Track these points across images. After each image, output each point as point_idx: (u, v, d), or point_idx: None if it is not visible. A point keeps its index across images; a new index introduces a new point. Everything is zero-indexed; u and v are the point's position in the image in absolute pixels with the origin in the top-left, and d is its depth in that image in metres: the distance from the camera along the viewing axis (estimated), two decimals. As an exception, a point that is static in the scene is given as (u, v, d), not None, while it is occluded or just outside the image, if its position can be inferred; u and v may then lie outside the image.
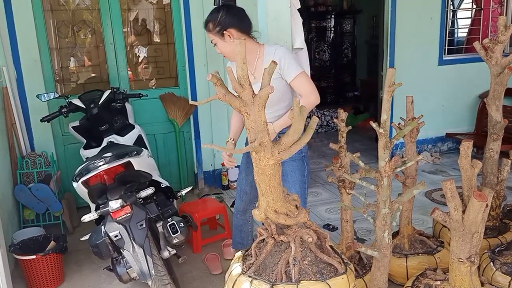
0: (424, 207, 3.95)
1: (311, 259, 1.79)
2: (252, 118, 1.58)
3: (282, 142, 1.65)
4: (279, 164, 1.70)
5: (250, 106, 1.56)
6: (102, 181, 2.50)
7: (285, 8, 2.77)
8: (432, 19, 4.96)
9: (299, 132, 1.63)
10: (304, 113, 1.61)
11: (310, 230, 1.82)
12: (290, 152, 1.66)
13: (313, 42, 8.39)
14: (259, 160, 1.65)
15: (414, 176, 2.78)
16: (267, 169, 1.67)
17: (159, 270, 2.47)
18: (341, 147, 2.64)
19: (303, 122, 1.60)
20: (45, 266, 2.92)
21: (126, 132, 3.45)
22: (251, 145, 1.60)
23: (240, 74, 1.54)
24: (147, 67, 4.47)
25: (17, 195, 3.54)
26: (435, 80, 5.15)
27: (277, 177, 1.72)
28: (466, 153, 2.08)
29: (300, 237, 1.80)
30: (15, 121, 3.78)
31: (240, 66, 1.53)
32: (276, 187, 1.73)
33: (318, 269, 1.77)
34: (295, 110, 1.59)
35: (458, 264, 2.14)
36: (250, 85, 1.56)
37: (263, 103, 1.56)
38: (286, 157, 1.67)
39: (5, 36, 3.71)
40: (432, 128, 5.27)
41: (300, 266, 1.75)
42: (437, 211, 2.10)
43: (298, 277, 1.72)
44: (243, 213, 2.74)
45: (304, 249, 1.81)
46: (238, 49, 1.51)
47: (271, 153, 1.63)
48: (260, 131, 1.59)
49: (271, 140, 1.62)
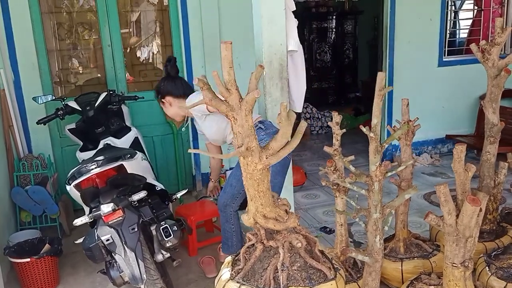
0: (422, 209, 3.91)
1: (300, 264, 1.78)
2: (239, 123, 1.57)
3: (270, 147, 1.64)
4: (267, 169, 1.69)
5: (237, 111, 1.56)
6: (94, 184, 2.49)
7: (279, 11, 2.75)
8: (432, 20, 4.93)
9: (287, 137, 1.62)
10: (292, 118, 1.59)
11: (299, 235, 1.81)
12: (278, 157, 1.65)
13: (314, 43, 8.37)
14: (247, 165, 1.64)
15: (409, 179, 2.76)
16: (255, 174, 1.66)
17: (152, 274, 2.46)
18: (335, 150, 2.62)
19: (290, 127, 1.59)
20: (40, 269, 2.92)
21: (123, 134, 3.44)
22: (238, 150, 1.59)
23: (227, 79, 1.53)
24: (145, 69, 4.46)
25: (13, 197, 3.54)
26: (435, 81, 5.12)
27: (266, 182, 1.71)
28: (459, 157, 2.06)
29: (289, 242, 1.79)
30: (12, 124, 3.79)
31: (226, 71, 1.52)
32: (265, 192, 1.72)
33: (308, 274, 1.76)
34: (283, 115, 1.57)
35: (452, 269, 2.12)
36: (237, 90, 1.55)
37: (250, 108, 1.55)
38: (274, 162, 1.66)
39: (2, 38, 3.72)
40: (432, 130, 5.24)
41: (288, 271, 1.73)
42: (430, 215, 2.08)
43: (287, 283, 1.71)
44: (223, 207, 2.69)
45: (293, 254, 1.79)
46: (224, 53, 1.50)
47: (259, 157, 1.62)
48: (247, 136, 1.58)
49: (258, 145, 1.61)
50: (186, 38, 4.19)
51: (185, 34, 4.18)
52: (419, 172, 4.89)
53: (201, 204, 3.77)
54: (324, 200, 4.30)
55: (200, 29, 4.16)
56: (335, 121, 2.63)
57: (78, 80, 4.30)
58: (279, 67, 2.81)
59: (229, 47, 1.49)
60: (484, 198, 2.09)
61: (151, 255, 2.66)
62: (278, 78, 2.82)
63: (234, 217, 2.68)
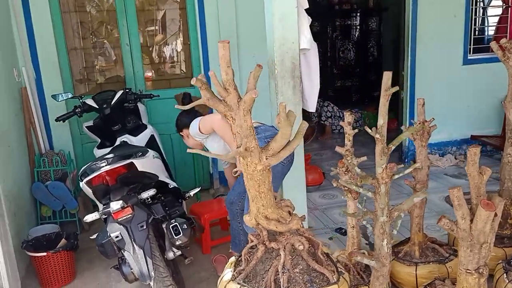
0: (443, 212, 3.78)
1: (302, 267, 1.75)
2: (238, 123, 1.55)
3: (270, 148, 1.62)
4: (268, 170, 1.67)
5: (235, 111, 1.54)
6: (105, 182, 2.52)
7: (291, 8, 2.71)
8: (456, 16, 4.78)
9: (287, 138, 1.59)
10: (292, 118, 1.57)
11: (302, 238, 1.78)
12: (279, 158, 1.62)
13: (338, 41, 8.25)
14: (247, 165, 1.63)
15: (424, 181, 2.68)
16: (255, 174, 1.64)
17: (161, 271, 2.47)
18: (347, 151, 2.57)
19: (290, 127, 1.56)
20: (56, 263, 2.98)
21: (139, 132, 3.48)
22: (237, 151, 1.58)
23: (225, 78, 1.52)
24: (162, 67, 4.50)
25: (34, 192, 3.63)
26: (459, 80, 4.97)
27: (267, 183, 1.69)
28: (473, 160, 2.00)
29: (292, 244, 1.76)
30: (34, 121, 3.88)
31: (224, 70, 1.51)
32: (266, 193, 1.70)
33: (310, 277, 1.73)
34: (282, 115, 1.55)
35: (466, 276, 2.05)
36: (235, 89, 1.53)
37: (248, 108, 1.53)
38: (274, 163, 1.63)
39: (24, 37, 3.81)
40: (457, 130, 5.09)
41: (290, 274, 1.71)
42: (443, 219, 2.02)
43: (287, 285, 1.68)
44: (230, 204, 2.76)
45: (295, 257, 1.77)
46: (221, 53, 1.49)
47: (259, 158, 1.60)
48: (246, 136, 1.56)
49: (258, 146, 1.59)
50: (203, 36, 4.19)
51: (202, 32, 4.19)
52: (442, 174, 4.76)
53: (217, 202, 3.78)
54: (342, 200, 4.23)
55: (217, 27, 4.16)
56: (347, 121, 2.57)
57: (99, 78, 4.37)
58: (291, 66, 2.77)
59: (226, 46, 1.47)
60: (500, 203, 2.01)
61: (162, 252, 2.68)
62: (290, 77, 2.79)
63: (240, 215, 2.67)
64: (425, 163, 2.68)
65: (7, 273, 2.22)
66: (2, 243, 2.20)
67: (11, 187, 3.10)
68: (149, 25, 4.35)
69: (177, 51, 4.45)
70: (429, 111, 3.40)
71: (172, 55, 4.48)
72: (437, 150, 5.16)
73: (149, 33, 4.39)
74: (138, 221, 2.39)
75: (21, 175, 3.48)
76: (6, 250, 2.26)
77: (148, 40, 4.39)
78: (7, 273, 2.23)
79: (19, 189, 3.37)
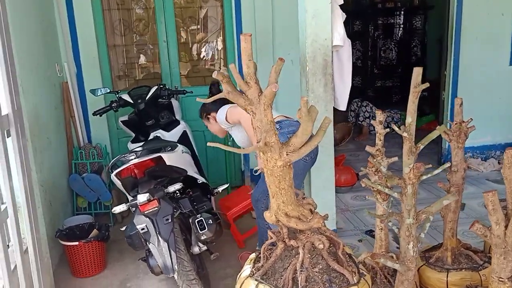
0: (481, 218, 3.63)
1: (322, 266, 1.71)
2: (258, 117, 1.53)
3: (291, 143, 1.59)
4: (289, 166, 1.64)
5: (256, 105, 1.52)
6: (133, 174, 2.57)
7: (325, 4, 2.67)
8: (504, 15, 4.55)
9: (308, 133, 1.56)
10: (313, 113, 1.53)
11: (322, 237, 1.73)
12: (300, 154, 1.59)
13: (379, 40, 8.06)
14: (267, 161, 1.60)
15: (459, 185, 2.56)
16: (275, 170, 1.62)
17: (185, 265, 2.49)
18: (377, 150, 2.49)
19: (311, 123, 1.52)
20: (87, 252, 3.07)
21: (172, 127, 3.53)
22: (257, 145, 1.56)
23: (246, 72, 1.50)
24: (198, 64, 4.54)
25: (71, 183, 3.76)
26: (506, 81, 4.73)
27: (288, 179, 1.66)
28: (509, 162, 1.89)
29: (312, 243, 1.73)
30: (74, 114, 4.01)
31: (246, 63, 1.49)
32: (287, 190, 1.67)
33: (329, 277, 1.68)
34: (303, 110, 1.51)
35: (498, 284, 1.95)
36: (256, 83, 1.51)
37: (269, 102, 1.51)
38: (295, 159, 1.60)
39: (66, 34, 3.95)
40: (501, 134, 4.86)
41: (308, 273, 1.67)
42: (476, 224, 1.93)
43: (305, 284, 1.65)
44: (255, 202, 2.76)
45: (315, 256, 1.73)
46: (243, 46, 1.47)
47: (279, 154, 1.58)
48: (266, 131, 1.53)
49: (278, 141, 1.56)
50: (239, 33, 4.20)
51: (238, 30, 4.19)
52: (483, 179, 4.55)
53: (243, 192, 3.67)
54: (374, 202, 4.11)
55: (253, 24, 4.16)
56: (378, 119, 2.49)
57: (135, 74, 4.46)
58: (323, 63, 2.73)
59: (248, 39, 1.46)
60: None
61: (188, 247, 2.70)
62: (322, 74, 2.74)
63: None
64: (461, 165, 2.55)
65: (35, 260, 2.30)
66: (33, 231, 2.28)
67: (47, 177, 3.22)
68: (187, 22, 4.41)
69: (214, 48, 4.48)
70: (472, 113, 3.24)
71: (208, 52, 4.51)
72: (479, 154, 4.94)
73: (187, 31, 4.44)
74: (164, 214, 2.42)
75: (58, 166, 3.61)
76: (37, 238, 2.34)
77: (185, 37, 4.45)
78: (36, 260, 2.30)
79: (57, 179, 3.49)
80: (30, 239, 2.27)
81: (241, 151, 1.63)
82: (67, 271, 3.17)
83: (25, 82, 2.91)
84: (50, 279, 2.84)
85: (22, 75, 2.72)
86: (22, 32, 3.01)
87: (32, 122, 3.01)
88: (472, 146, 4.87)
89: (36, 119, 3.12)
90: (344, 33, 2.83)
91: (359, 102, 6.60)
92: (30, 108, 3.00)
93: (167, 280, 2.99)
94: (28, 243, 2.34)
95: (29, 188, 2.36)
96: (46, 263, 2.72)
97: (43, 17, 3.61)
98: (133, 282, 3.05)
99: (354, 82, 8.42)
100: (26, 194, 2.33)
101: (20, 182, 2.29)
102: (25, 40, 3.07)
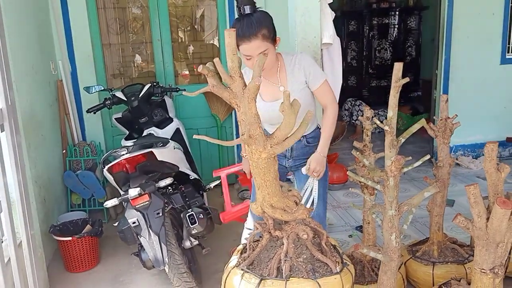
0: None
1: (306, 256, 1.76)
2: (243, 110, 1.57)
3: (275, 136, 1.63)
4: (273, 158, 1.68)
5: (240, 98, 1.56)
6: (125, 169, 2.61)
7: (314, 3, 2.71)
8: (495, 14, 4.61)
9: (291, 126, 1.60)
10: (296, 107, 1.57)
11: (307, 227, 1.78)
12: (283, 147, 1.63)
13: (374, 40, 8.12)
14: (252, 153, 1.65)
15: (445, 180, 2.61)
16: (260, 162, 1.66)
17: (176, 259, 2.53)
18: (365, 146, 2.54)
19: (294, 116, 1.56)
20: (81, 248, 3.11)
21: (165, 125, 3.57)
22: (241, 138, 1.60)
23: (230, 66, 1.54)
24: (192, 63, 4.59)
25: (65, 180, 3.80)
26: (496, 80, 4.80)
27: (272, 171, 1.70)
28: (490, 156, 1.94)
29: (296, 233, 1.77)
30: (68, 112, 4.05)
31: (230, 58, 1.53)
32: (271, 181, 1.71)
33: (313, 267, 1.73)
34: (286, 103, 1.56)
35: (480, 275, 1.99)
36: (240, 77, 1.55)
37: (252, 95, 1.55)
38: (279, 151, 1.64)
39: (61, 32, 3.99)
40: (492, 132, 4.92)
41: (292, 262, 1.72)
42: (459, 217, 1.97)
43: (289, 273, 1.69)
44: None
45: (299, 246, 1.77)
46: (227, 41, 1.51)
47: (263, 146, 1.62)
48: (250, 124, 1.58)
49: (262, 133, 1.61)
50: (233, 32, 4.24)
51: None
52: (474, 176, 4.61)
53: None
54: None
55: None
56: (365, 116, 2.55)
57: (129, 73, 4.51)
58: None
59: (232, 34, 1.49)
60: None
61: (179, 241, 2.74)
62: (311, 71, 2.78)
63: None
64: (447, 161, 2.61)
65: (29, 255, 2.34)
66: (27, 226, 2.32)
67: (41, 174, 3.26)
68: (181, 21, 4.45)
69: (207, 46, 4.53)
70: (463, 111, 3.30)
71: (201, 51, 4.55)
72: (470, 152, 5.00)
73: (182, 30, 4.49)
74: (155, 209, 2.46)
75: (53, 163, 3.65)
76: (31, 233, 2.38)
77: (180, 36, 4.49)
78: (30, 254, 2.34)
79: (51, 176, 3.53)
80: (24, 234, 2.31)
81: (227, 143, 1.67)
82: (60, 266, 3.21)
83: (20, 80, 2.95)
84: (44, 274, 2.88)
85: (16, 72, 2.77)
86: (16, 30, 3.05)
87: (27, 119, 3.05)
88: (463, 144, 4.93)
89: (30, 116, 3.16)
90: (333, 31, 2.88)
91: (353, 101, 6.66)
92: (24, 105, 3.04)
93: (159, 274, 3.03)
94: (22, 238, 2.38)
95: (23, 183, 2.40)
96: (40, 258, 2.77)
97: (38, 15, 3.65)
98: (126, 276, 3.09)
99: (349, 81, 8.49)
100: (20, 190, 2.36)
101: (14, 178, 2.32)
102: (19, 38, 3.11)
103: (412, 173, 4.44)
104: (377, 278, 2.51)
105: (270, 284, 1.66)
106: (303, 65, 2.24)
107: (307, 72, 2.23)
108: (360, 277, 2.53)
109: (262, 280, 1.68)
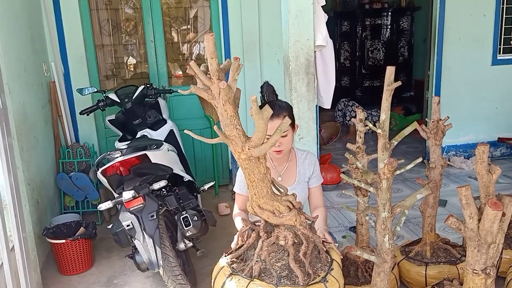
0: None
1: (285, 263, 1.76)
2: (219, 111, 1.59)
3: (253, 139, 1.63)
4: (256, 160, 1.68)
5: (217, 100, 1.58)
6: (119, 172, 2.61)
7: (307, 5, 2.72)
8: (486, 15, 4.65)
9: (261, 131, 1.58)
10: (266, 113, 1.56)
11: (289, 233, 1.77)
12: (261, 150, 1.62)
13: (367, 40, 8.16)
14: (233, 152, 1.66)
15: (437, 181, 2.64)
16: (241, 162, 1.67)
17: (170, 261, 2.53)
18: (358, 148, 2.55)
19: (263, 121, 1.55)
20: (74, 250, 3.10)
21: (159, 126, 3.57)
22: (220, 137, 1.62)
23: (209, 69, 1.56)
24: (185, 64, 4.59)
25: (58, 182, 3.78)
26: (488, 81, 4.83)
27: (256, 173, 1.69)
28: (481, 158, 1.96)
29: (277, 237, 1.78)
30: (61, 114, 4.04)
31: (209, 61, 1.55)
32: (257, 183, 1.71)
33: (289, 274, 1.72)
34: (254, 108, 1.55)
35: (472, 276, 2.01)
36: (219, 79, 1.56)
37: (226, 98, 1.55)
38: (258, 154, 1.64)
39: (53, 34, 3.97)
40: (484, 132, 4.96)
41: (266, 265, 1.72)
42: (451, 218, 1.99)
43: (256, 275, 1.70)
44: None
45: (282, 251, 1.77)
46: (207, 45, 1.53)
47: (241, 147, 1.62)
48: (226, 125, 1.60)
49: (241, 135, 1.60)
50: (226, 34, 4.25)
51: (225, 30, 4.24)
52: (466, 176, 4.65)
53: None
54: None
55: (239, 25, 4.20)
56: (358, 117, 2.56)
57: (122, 74, 4.50)
58: (305, 62, 2.78)
59: (210, 39, 1.50)
60: (510, 203, 1.97)
61: (174, 243, 2.74)
62: (305, 73, 2.80)
63: None
64: (439, 162, 2.63)
65: (22, 257, 2.33)
66: (19, 229, 2.31)
67: (34, 176, 3.25)
68: (174, 22, 4.45)
69: (201, 48, 4.53)
70: (455, 112, 3.32)
71: (195, 53, 4.56)
72: (462, 152, 5.04)
73: (175, 31, 4.48)
74: (149, 211, 2.46)
75: (46, 165, 3.63)
76: (23, 236, 2.37)
77: (173, 37, 4.49)
78: (22, 257, 2.33)
79: (44, 178, 3.52)
80: (16, 237, 2.30)
81: (208, 141, 1.68)
82: (54, 269, 3.20)
83: (12, 81, 2.94)
84: (37, 277, 2.87)
85: (9, 74, 2.75)
86: (8, 32, 3.04)
87: (19, 121, 3.03)
88: (455, 144, 4.97)
89: (23, 118, 3.15)
90: (326, 34, 2.89)
91: (346, 101, 6.68)
92: (17, 107, 3.03)
93: (153, 276, 3.03)
94: (15, 241, 2.37)
95: (15, 186, 2.39)
96: (33, 261, 2.75)
97: (30, 16, 3.63)
98: (120, 279, 3.09)
99: (342, 82, 8.51)
100: (12, 192, 2.35)
101: (6, 180, 2.31)
102: (11, 39, 3.09)
103: (405, 173, 4.46)
104: (370, 279, 2.53)
105: (236, 280, 1.71)
106: (313, 161, 2.44)
107: (313, 169, 2.43)
108: (353, 278, 2.54)
109: (231, 274, 1.72)
